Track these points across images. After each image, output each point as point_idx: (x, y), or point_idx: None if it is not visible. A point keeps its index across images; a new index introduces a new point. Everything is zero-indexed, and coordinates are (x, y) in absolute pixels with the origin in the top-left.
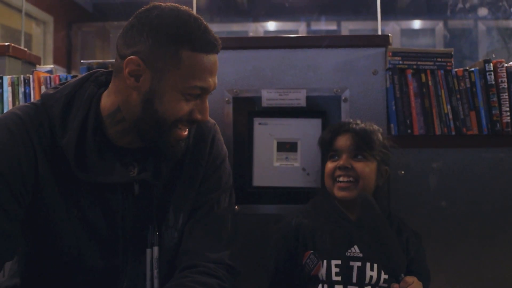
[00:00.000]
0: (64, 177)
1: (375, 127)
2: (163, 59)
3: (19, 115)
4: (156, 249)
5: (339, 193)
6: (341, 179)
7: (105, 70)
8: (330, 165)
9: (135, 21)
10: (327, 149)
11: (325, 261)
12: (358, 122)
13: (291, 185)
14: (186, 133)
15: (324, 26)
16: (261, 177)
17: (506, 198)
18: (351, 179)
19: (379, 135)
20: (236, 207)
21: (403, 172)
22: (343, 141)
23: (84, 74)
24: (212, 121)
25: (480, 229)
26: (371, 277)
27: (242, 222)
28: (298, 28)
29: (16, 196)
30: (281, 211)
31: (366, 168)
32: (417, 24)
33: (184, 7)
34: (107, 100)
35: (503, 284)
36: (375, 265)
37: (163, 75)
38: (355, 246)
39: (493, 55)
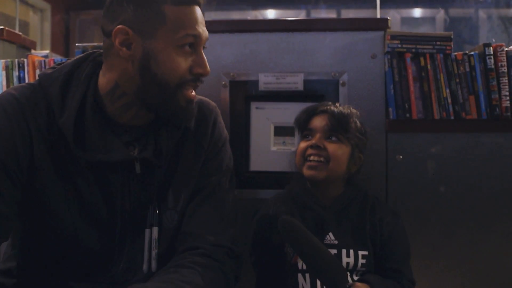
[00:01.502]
0: (62, 157)
1: (353, 110)
2: (148, 20)
3: (14, 96)
4: (155, 229)
5: (307, 172)
6: (311, 158)
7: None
8: (302, 144)
9: None
10: (302, 129)
11: None
12: (337, 104)
13: (288, 169)
14: (194, 93)
15: (324, 14)
16: (258, 162)
17: (505, 183)
18: (321, 159)
19: (356, 120)
20: None
21: (401, 156)
22: (318, 121)
23: (81, 54)
24: (213, 103)
25: (478, 214)
26: (347, 263)
27: (238, 207)
28: (297, 16)
29: (11, 178)
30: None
31: (339, 150)
32: (417, 12)
33: None
34: (103, 79)
35: (501, 270)
36: (351, 251)
37: (152, 36)
38: (330, 234)
39: (493, 39)
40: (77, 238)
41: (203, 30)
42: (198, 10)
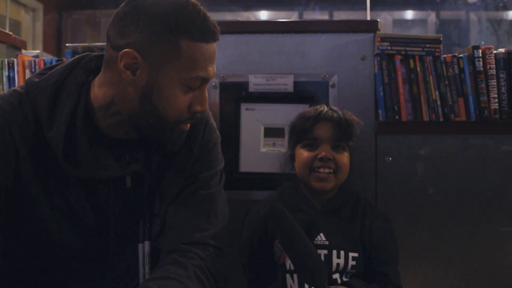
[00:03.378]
0: (50, 170)
1: (353, 117)
2: (161, 51)
3: (0, 106)
4: (147, 243)
5: (316, 184)
6: (321, 170)
7: (94, 54)
8: (306, 154)
9: (129, 9)
10: (302, 137)
11: None
12: (335, 109)
13: (278, 171)
14: (188, 126)
15: (317, 15)
16: (247, 163)
17: (493, 185)
18: (331, 170)
19: (357, 124)
20: None
21: (390, 158)
22: (323, 130)
23: (72, 59)
24: None
25: (467, 215)
26: (338, 264)
27: (227, 209)
28: (290, 17)
29: None
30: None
31: (345, 159)
32: (409, 14)
33: None
34: (99, 91)
35: (489, 271)
36: (342, 252)
37: (161, 68)
38: (321, 234)
39: (482, 42)
40: (66, 251)
41: (213, 69)
42: (213, 47)
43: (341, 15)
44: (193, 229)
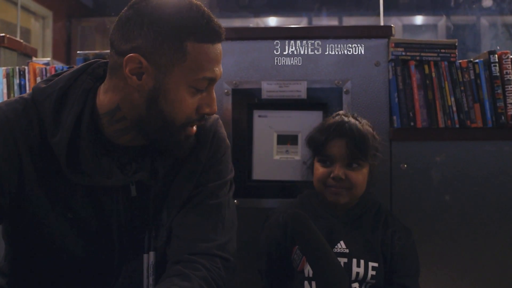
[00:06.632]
0: (55, 177)
1: (369, 129)
2: (167, 54)
3: (4, 112)
4: (152, 254)
5: (330, 197)
6: (333, 189)
7: (103, 61)
8: (321, 170)
9: (132, 13)
10: (318, 152)
11: None
12: (351, 120)
13: (291, 178)
14: (195, 128)
15: (326, 21)
16: (260, 170)
17: (510, 192)
18: (344, 187)
19: (373, 137)
20: (236, 201)
21: (405, 165)
22: (336, 148)
23: (79, 65)
24: (214, 116)
25: (483, 222)
26: (357, 273)
27: (240, 216)
28: (299, 24)
29: None
30: (280, 205)
31: (360, 176)
32: (419, 19)
33: None
34: (104, 97)
35: (507, 278)
36: (362, 261)
37: (167, 71)
38: (341, 242)
39: (498, 47)
40: (68, 253)
41: (219, 70)
42: (219, 47)
43: (350, 21)
44: (199, 239)
